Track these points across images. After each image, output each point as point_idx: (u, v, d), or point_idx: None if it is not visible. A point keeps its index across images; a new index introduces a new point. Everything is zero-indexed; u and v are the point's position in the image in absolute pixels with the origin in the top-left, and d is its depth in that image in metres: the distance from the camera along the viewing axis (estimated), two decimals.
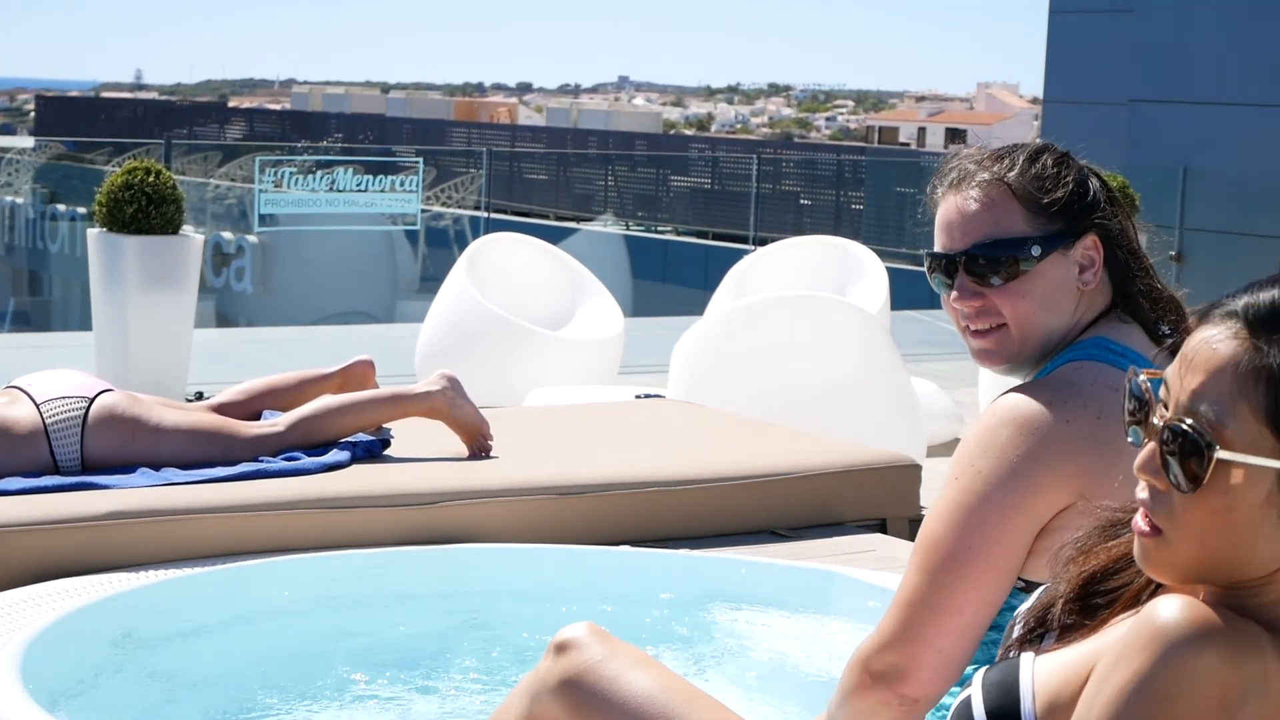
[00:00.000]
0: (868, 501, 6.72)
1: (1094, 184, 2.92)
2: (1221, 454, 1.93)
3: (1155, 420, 1.99)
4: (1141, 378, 2.03)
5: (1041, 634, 2.15)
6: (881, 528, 6.70)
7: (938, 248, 2.93)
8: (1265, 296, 1.97)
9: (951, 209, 2.91)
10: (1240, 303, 1.98)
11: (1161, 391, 2.01)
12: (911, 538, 6.47)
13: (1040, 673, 2.08)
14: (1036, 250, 2.82)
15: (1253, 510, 1.93)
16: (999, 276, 2.84)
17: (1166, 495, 1.98)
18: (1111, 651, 1.91)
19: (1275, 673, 1.87)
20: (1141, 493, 2.01)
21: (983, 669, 2.15)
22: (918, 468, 6.90)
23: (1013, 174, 2.88)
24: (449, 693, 4.92)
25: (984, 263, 2.85)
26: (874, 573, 5.67)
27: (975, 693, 2.10)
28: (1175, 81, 14.68)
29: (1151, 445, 1.99)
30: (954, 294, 2.90)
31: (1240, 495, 1.93)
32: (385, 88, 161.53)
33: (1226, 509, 1.94)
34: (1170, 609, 1.87)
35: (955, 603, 2.67)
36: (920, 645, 2.66)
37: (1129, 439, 2.04)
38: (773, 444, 7.02)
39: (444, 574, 5.67)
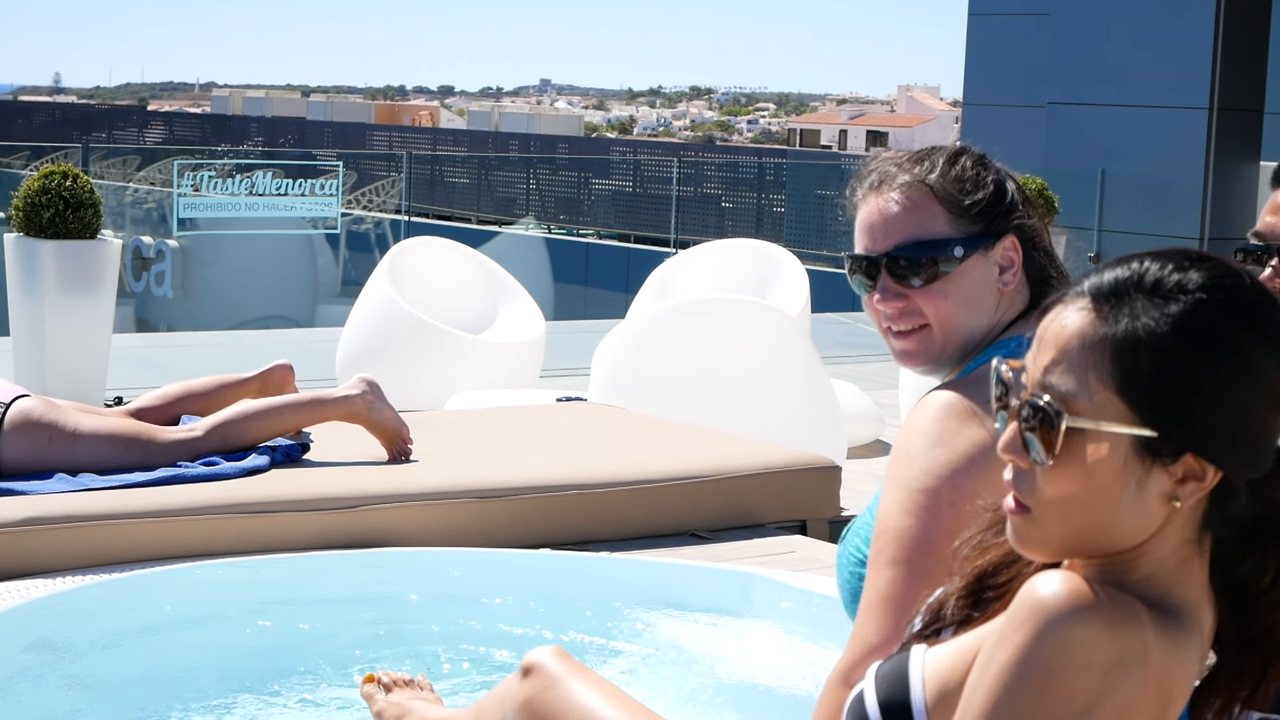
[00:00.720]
0: (788, 503, 6.75)
1: (1011, 186, 2.94)
2: (1069, 421, 1.98)
3: (1014, 401, 2.04)
4: (1004, 367, 2.07)
5: (938, 629, 2.17)
6: (801, 529, 6.72)
7: (859, 250, 2.93)
8: (1109, 274, 2.03)
9: (873, 211, 2.92)
10: (1087, 282, 2.04)
11: (1023, 376, 2.06)
12: (832, 539, 6.50)
13: (931, 662, 2.10)
14: (959, 251, 2.83)
15: (1110, 478, 1.97)
16: (921, 278, 2.85)
17: (1029, 473, 2.02)
18: (994, 631, 1.93)
19: (1155, 645, 1.90)
20: (1008, 474, 2.05)
21: (877, 663, 2.17)
22: (838, 469, 6.92)
23: (933, 176, 2.89)
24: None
25: (906, 264, 2.86)
26: (793, 574, 5.69)
27: (868, 684, 2.13)
28: (1092, 84, 14.78)
29: (1012, 425, 2.04)
30: (876, 295, 2.91)
31: (1097, 464, 1.97)
32: (306, 91, 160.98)
33: (1085, 478, 1.97)
34: (1047, 584, 1.90)
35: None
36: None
37: (997, 425, 2.08)
38: (693, 446, 7.04)
39: (364, 578, 5.66)
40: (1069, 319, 2.02)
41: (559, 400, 8.82)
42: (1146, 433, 1.95)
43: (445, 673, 5.05)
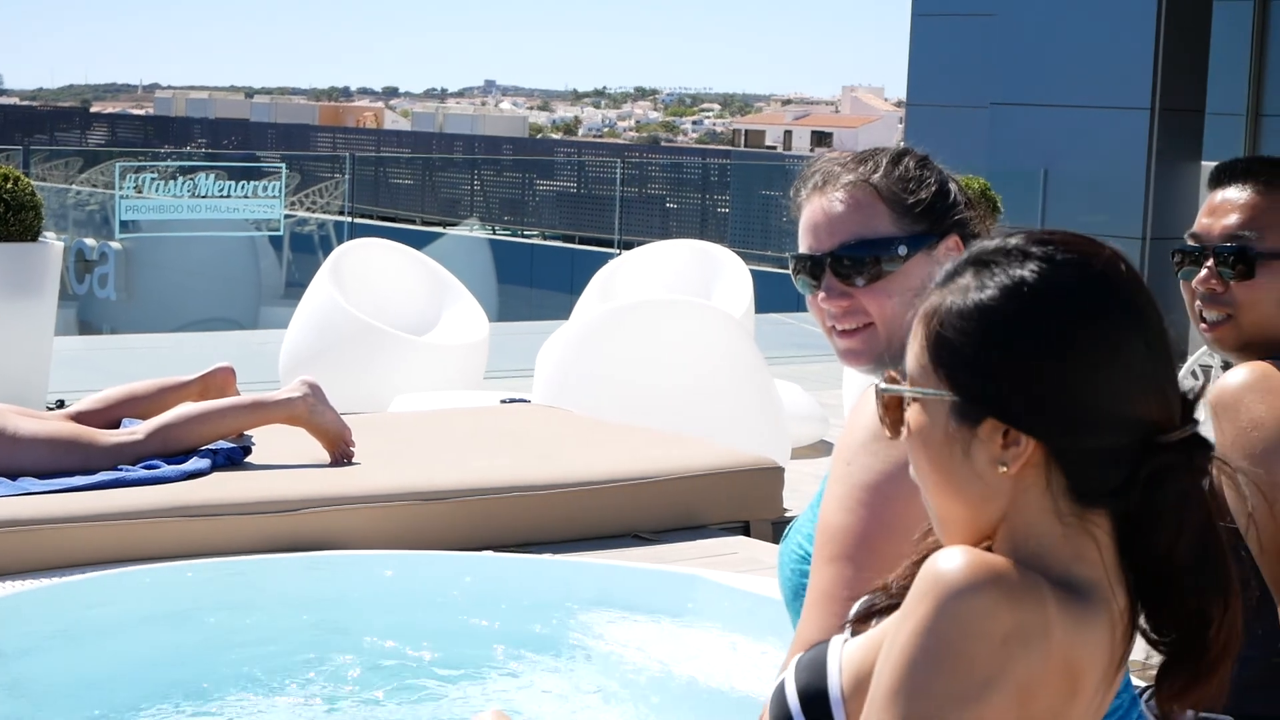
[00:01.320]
0: (731, 504, 6.75)
1: (953, 186, 2.94)
2: (891, 390, 2.05)
3: None
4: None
5: (869, 617, 2.17)
6: (745, 530, 6.72)
7: (803, 249, 2.94)
8: (964, 255, 2.06)
9: (817, 211, 2.92)
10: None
11: None
12: (775, 540, 6.51)
13: (848, 651, 2.12)
14: (903, 250, 2.84)
15: (939, 447, 2.00)
16: (865, 276, 2.85)
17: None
18: (900, 610, 1.94)
19: (1057, 620, 1.90)
20: None
21: (799, 654, 2.18)
22: (780, 470, 6.93)
23: (877, 175, 2.89)
24: (312, 700, 4.90)
25: (850, 263, 2.86)
26: (736, 575, 5.70)
27: (789, 674, 2.14)
28: (1035, 85, 14.82)
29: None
30: (821, 294, 2.91)
31: (926, 433, 2.02)
32: (250, 92, 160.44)
33: (923, 448, 2.02)
34: (947, 559, 1.91)
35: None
36: None
37: None
38: (636, 448, 7.04)
39: (306, 581, 5.64)
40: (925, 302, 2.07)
41: (503, 402, 8.81)
42: (946, 395, 1.98)
43: (387, 676, 5.04)
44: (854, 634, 2.15)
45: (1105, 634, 1.95)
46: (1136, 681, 3.44)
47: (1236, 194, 3.42)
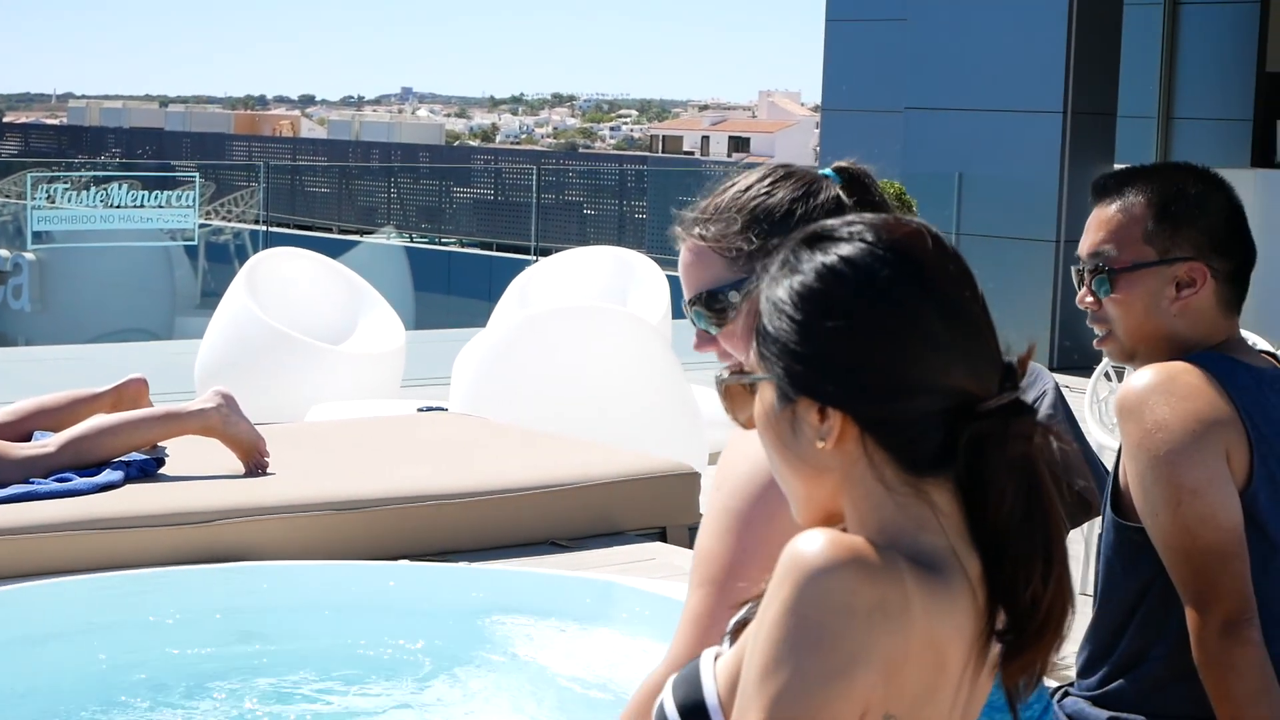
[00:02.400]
0: (648, 510, 6.75)
1: (800, 209, 2.90)
2: (721, 376, 2.15)
3: None
4: None
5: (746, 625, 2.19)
6: (662, 536, 6.73)
7: None
8: (785, 244, 2.13)
9: (680, 261, 2.96)
10: None
11: None
12: (691, 546, 6.51)
13: (722, 662, 2.14)
14: (734, 296, 2.85)
15: (775, 430, 2.07)
16: (713, 324, 2.88)
17: None
18: (765, 595, 1.96)
19: (916, 594, 1.93)
20: None
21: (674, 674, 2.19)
22: (697, 476, 6.94)
23: (706, 229, 2.90)
24: (227, 714, 4.88)
25: (699, 314, 2.89)
26: (653, 581, 5.70)
27: (666, 694, 2.16)
28: (949, 89, 14.89)
29: None
30: (694, 342, 2.95)
31: (763, 417, 2.08)
32: (165, 101, 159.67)
33: (763, 430, 2.09)
34: (805, 541, 1.95)
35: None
36: None
37: None
38: (553, 455, 7.03)
39: (220, 593, 5.61)
40: None
41: (420, 410, 8.79)
42: (766, 378, 2.05)
43: (302, 687, 5.02)
44: (732, 643, 2.16)
45: (966, 603, 1.97)
46: (1049, 682, 3.47)
47: (1099, 211, 3.49)
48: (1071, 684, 3.50)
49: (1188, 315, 3.40)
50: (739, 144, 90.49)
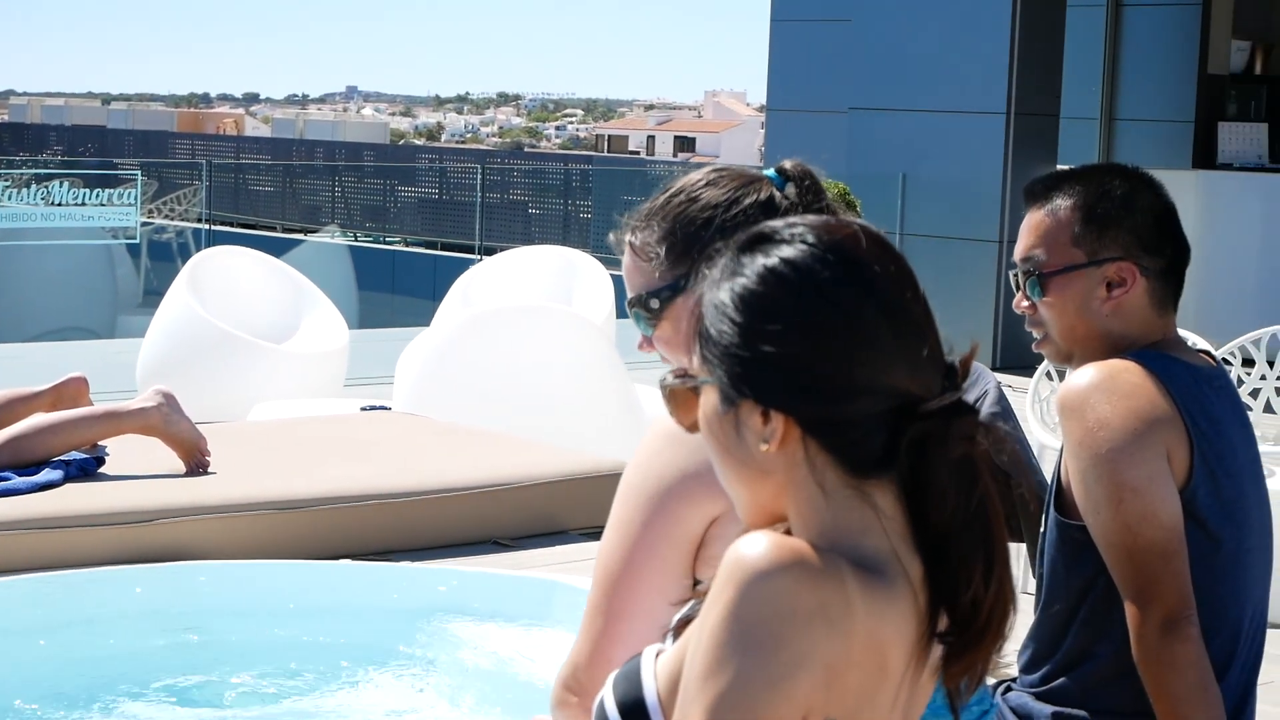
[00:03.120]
0: (590, 510, 6.75)
1: (718, 216, 2.89)
2: (665, 381, 2.14)
3: None
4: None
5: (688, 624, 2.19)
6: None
7: None
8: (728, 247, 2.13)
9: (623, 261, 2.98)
10: None
11: None
12: None
13: (663, 659, 2.14)
14: (655, 304, 2.87)
15: (719, 434, 2.06)
16: (649, 325, 2.89)
17: None
18: (707, 597, 1.96)
19: (858, 597, 1.93)
20: None
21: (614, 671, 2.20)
22: None
23: (635, 236, 2.92)
24: (166, 713, 4.86)
25: (635, 316, 2.90)
26: None
27: (606, 691, 2.16)
28: (892, 90, 14.91)
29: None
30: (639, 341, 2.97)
31: (708, 421, 2.08)
32: (107, 99, 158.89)
33: (708, 434, 2.08)
34: (748, 543, 1.94)
35: (626, 615, 2.70)
36: (602, 661, 2.70)
37: None
38: (496, 454, 7.03)
39: (161, 592, 5.59)
40: None
41: (363, 409, 8.77)
42: (709, 381, 2.05)
43: (243, 687, 5.00)
44: (675, 640, 2.16)
45: (907, 606, 1.97)
46: (990, 680, 3.48)
47: (1030, 216, 3.53)
48: (1014, 679, 3.52)
49: (1120, 314, 3.42)
50: (685, 144, 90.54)
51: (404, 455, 7.02)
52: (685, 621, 2.17)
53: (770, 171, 2.94)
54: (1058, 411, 3.37)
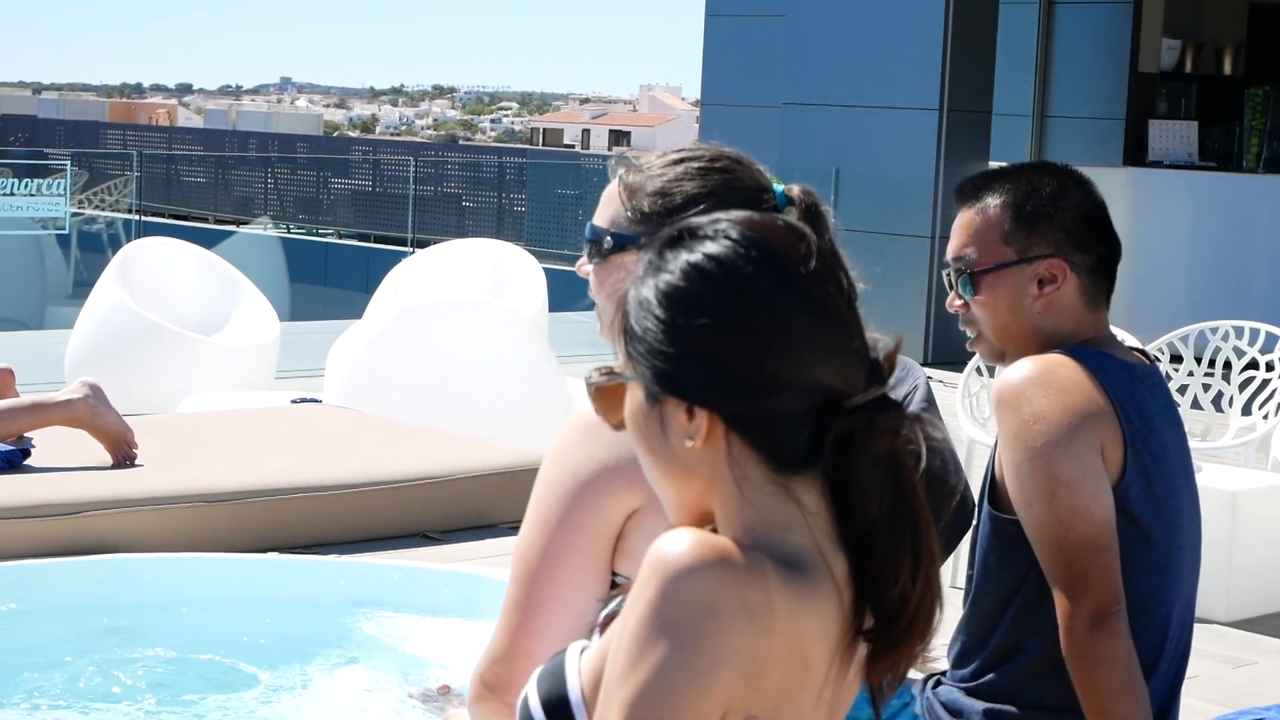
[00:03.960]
0: (519, 503, 6.65)
1: (704, 200, 2.89)
2: (590, 378, 2.12)
3: None
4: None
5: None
6: None
7: None
8: (653, 243, 2.12)
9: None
10: None
11: None
12: None
13: (586, 656, 2.14)
14: (609, 243, 2.87)
15: (645, 431, 2.05)
16: (594, 258, 2.89)
17: None
18: (630, 594, 1.96)
19: (780, 595, 1.93)
20: None
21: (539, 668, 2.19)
22: None
23: (633, 175, 2.91)
24: (92, 707, 4.82)
25: (587, 243, 2.90)
26: None
27: (531, 688, 2.15)
28: (826, 85, 14.94)
29: None
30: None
31: (633, 418, 2.07)
32: (38, 88, 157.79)
33: (634, 431, 2.07)
34: (670, 540, 1.94)
35: (544, 609, 2.70)
36: (520, 655, 2.69)
37: None
38: (426, 448, 7.01)
39: (87, 585, 5.55)
40: None
41: (293, 402, 8.74)
42: (633, 378, 2.04)
43: (170, 680, 4.97)
44: (601, 635, 2.15)
45: (831, 604, 1.97)
46: (915, 674, 3.48)
47: (961, 215, 3.54)
48: (944, 673, 3.52)
49: (1052, 311, 3.43)
50: (620, 138, 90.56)
51: (333, 448, 6.99)
52: (610, 618, 2.16)
53: (779, 188, 2.93)
54: (994, 404, 3.38)
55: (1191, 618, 3.48)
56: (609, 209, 2.89)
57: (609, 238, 2.87)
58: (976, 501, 3.53)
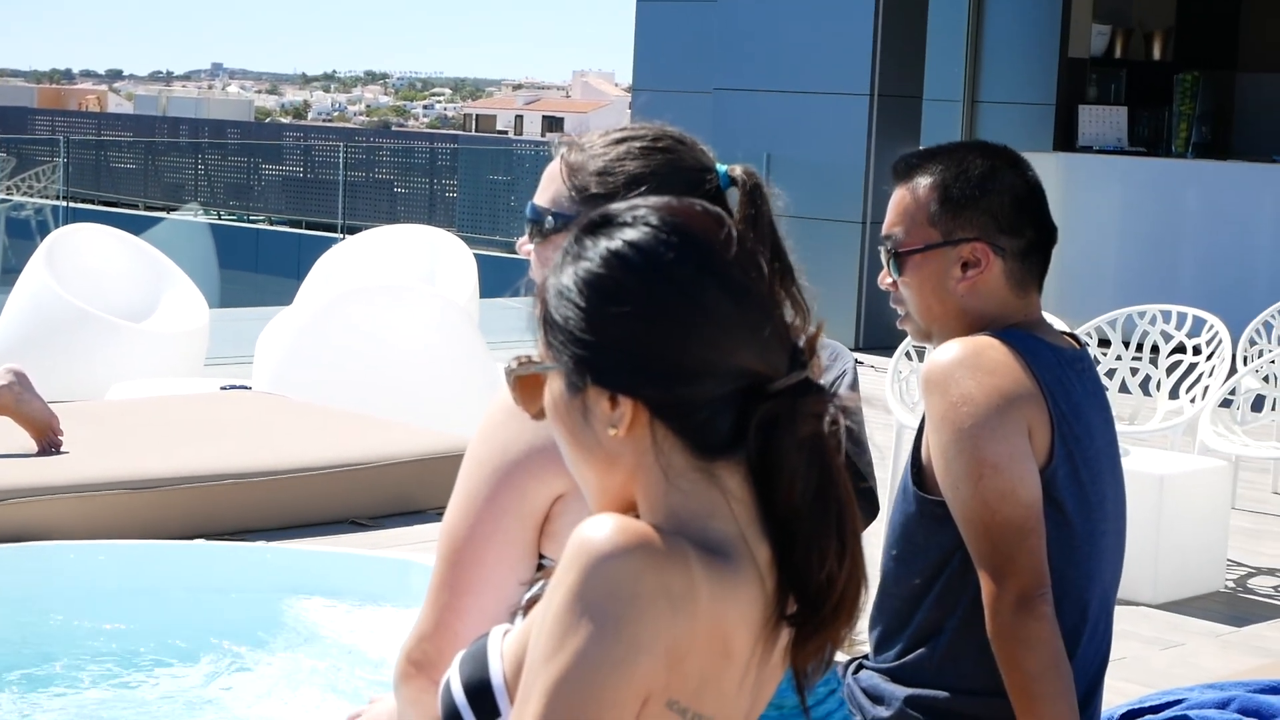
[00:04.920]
0: (448, 490, 6.68)
1: (647, 180, 2.89)
2: (509, 367, 2.10)
3: None
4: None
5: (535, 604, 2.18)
6: None
7: None
8: (572, 231, 2.10)
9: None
10: None
11: None
12: None
13: (509, 640, 2.14)
14: (550, 222, 2.86)
15: (567, 419, 2.04)
16: (533, 238, 2.88)
17: None
18: (552, 579, 1.95)
19: (703, 582, 1.92)
20: None
21: (461, 651, 2.18)
22: None
23: (574, 153, 2.90)
24: (16, 695, 4.79)
25: (531, 221, 2.89)
26: None
27: (453, 672, 2.15)
28: (757, 70, 14.95)
29: None
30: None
31: (554, 407, 2.05)
32: None
33: (555, 420, 2.06)
34: (592, 526, 1.93)
35: (471, 588, 2.70)
36: (446, 633, 2.70)
37: None
38: (355, 434, 6.99)
39: (12, 574, 5.52)
40: None
41: (223, 389, 8.70)
42: (553, 367, 2.03)
43: (96, 667, 4.95)
44: (524, 618, 2.15)
45: (754, 591, 1.96)
46: (840, 657, 3.48)
47: (895, 193, 3.53)
48: (866, 657, 3.52)
49: (977, 295, 3.42)
50: (553, 124, 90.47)
51: (262, 435, 6.96)
52: (533, 601, 2.15)
53: (721, 168, 2.92)
54: (921, 386, 3.37)
55: (1113, 603, 3.49)
56: (550, 188, 2.88)
57: (550, 217, 2.86)
58: (902, 483, 3.53)
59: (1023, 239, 3.44)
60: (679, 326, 1.98)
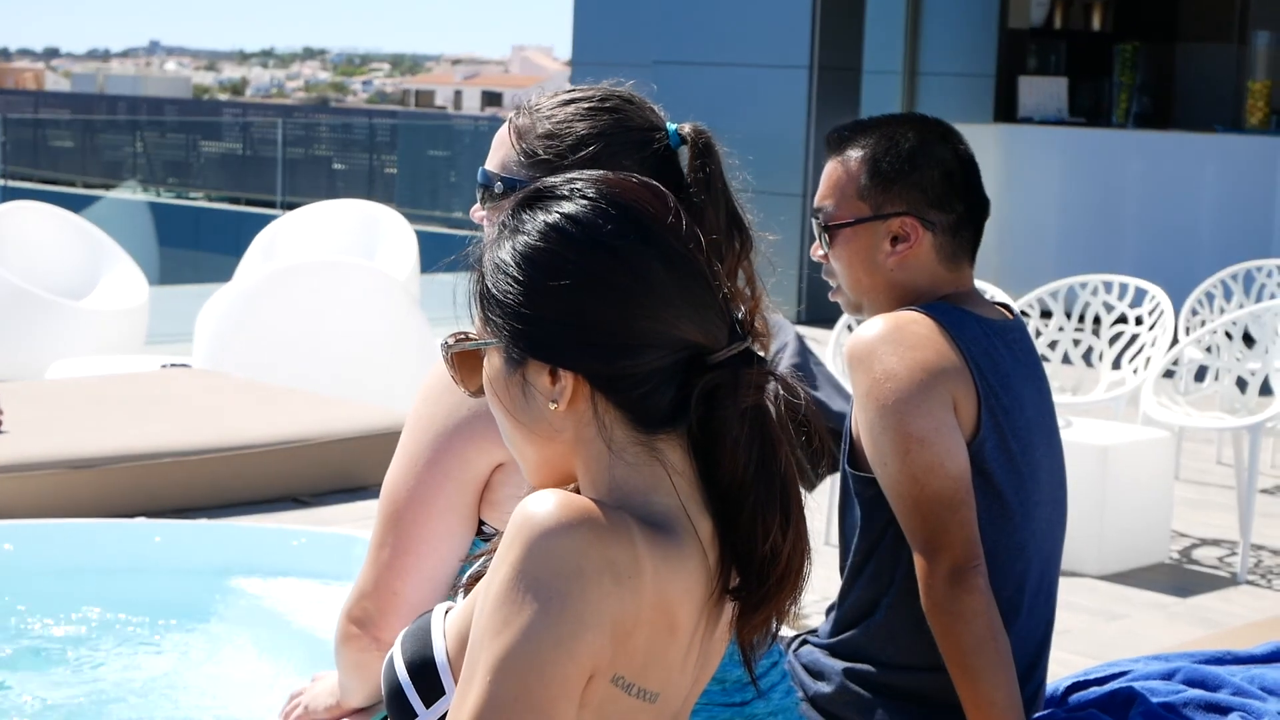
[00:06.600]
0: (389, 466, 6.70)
1: (595, 148, 2.88)
2: (446, 343, 2.12)
3: None
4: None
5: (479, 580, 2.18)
6: None
7: None
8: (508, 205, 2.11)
9: None
10: None
11: None
12: None
13: (451, 617, 2.13)
14: (499, 188, 2.84)
15: (506, 395, 2.04)
16: (489, 201, 2.86)
17: None
18: (495, 555, 1.94)
19: (647, 556, 1.92)
20: None
21: (405, 629, 2.17)
22: None
23: (521, 118, 2.89)
24: None
25: (482, 186, 2.88)
26: None
27: (396, 649, 2.14)
28: (697, 43, 14.94)
29: None
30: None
31: (493, 382, 2.06)
32: None
33: (494, 396, 2.06)
34: (535, 501, 1.93)
35: (411, 549, 2.71)
36: (386, 592, 2.71)
37: None
38: (295, 411, 6.96)
39: None
40: None
41: (164, 367, 8.66)
42: (492, 343, 2.03)
43: (34, 645, 4.92)
44: (465, 595, 2.14)
45: (697, 564, 1.97)
46: (787, 631, 3.48)
47: (828, 164, 3.54)
48: (812, 631, 3.52)
49: (906, 269, 3.42)
50: (492, 99, 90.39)
51: (203, 412, 6.93)
52: (475, 578, 2.14)
53: (671, 127, 2.92)
54: (846, 363, 3.38)
55: (1055, 575, 3.48)
56: (500, 153, 2.87)
57: (499, 182, 2.85)
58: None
59: (953, 213, 3.44)
60: (619, 299, 1.97)
